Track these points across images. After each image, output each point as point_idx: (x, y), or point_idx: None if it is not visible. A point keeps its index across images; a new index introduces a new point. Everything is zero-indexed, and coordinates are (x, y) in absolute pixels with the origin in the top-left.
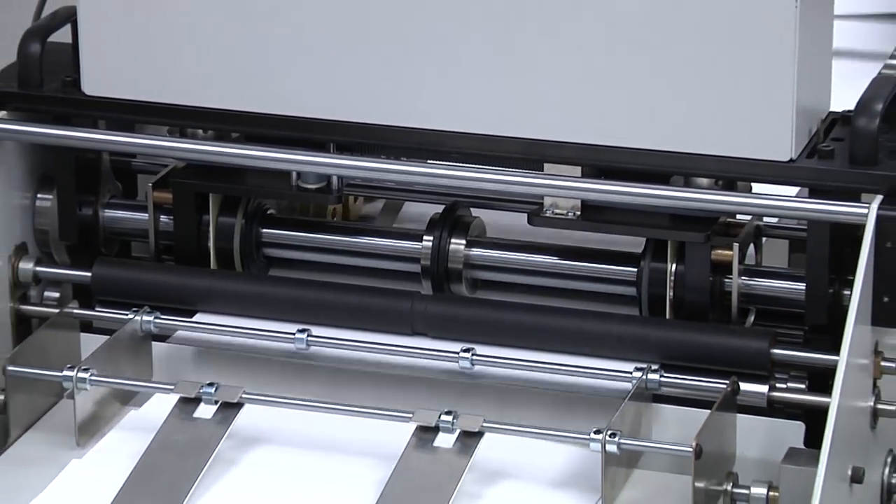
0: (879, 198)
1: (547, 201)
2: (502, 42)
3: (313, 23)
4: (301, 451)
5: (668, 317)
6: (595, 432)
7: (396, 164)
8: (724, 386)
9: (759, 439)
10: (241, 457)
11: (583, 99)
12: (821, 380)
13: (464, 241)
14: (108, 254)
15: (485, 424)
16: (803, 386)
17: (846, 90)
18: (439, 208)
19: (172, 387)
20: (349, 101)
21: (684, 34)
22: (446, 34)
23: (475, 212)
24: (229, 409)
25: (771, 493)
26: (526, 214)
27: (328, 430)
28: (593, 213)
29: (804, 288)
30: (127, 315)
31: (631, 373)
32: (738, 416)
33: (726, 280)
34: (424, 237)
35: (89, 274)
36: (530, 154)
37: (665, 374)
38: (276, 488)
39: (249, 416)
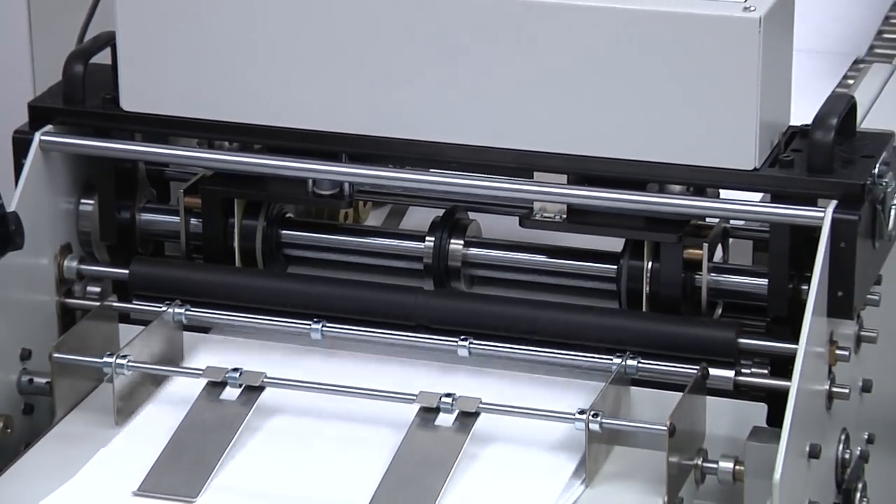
0: (834, 203)
1: (536, 206)
2: (497, 66)
3: (328, 49)
4: (316, 430)
5: (644, 310)
6: (579, 413)
7: (401, 172)
8: (695, 371)
9: (726, 419)
10: (262, 434)
11: (568, 115)
12: (782, 366)
13: (462, 242)
14: (144, 253)
15: (481, 406)
16: (766, 371)
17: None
18: (440, 212)
19: (201, 372)
20: (359, 116)
21: (659, 58)
22: (447, 59)
23: (472, 215)
24: (252, 391)
25: (737, 468)
26: (518, 218)
27: (340, 412)
28: (578, 217)
29: (767, 283)
30: (160, 308)
31: (611, 359)
32: (708, 398)
33: (697, 276)
34: (426, 238)
35: (127, 271)
36: (521, 163)
37: (642, 361)
38: (293, 463)
39: (270, 398)
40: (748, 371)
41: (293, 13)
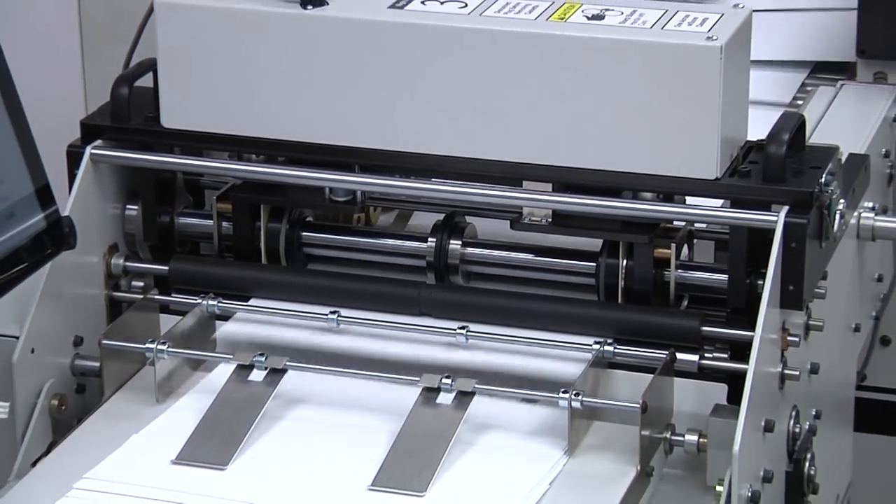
0: (786, 208)
1: (525, 211)
2: (490, 89)
3: (344, 75)
4: (331, 406)
5: (619, 301)
6: (563, 392)
7: (407, 181)
8: (664, 356)
9: (691, 398)
10: (285, 411)
11: (553, 131)
12: (740, 351)
13: (460, 242)
14: (181, 252)
15: (476, 386)
16: (726, 356)
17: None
18: (440, 216)
19: (231, 356)
20: (371, 132)
21: (633, 81)
22: (447, 84)
23: (469, 219)
24: (276, 374)
25: (701, 440)
26: (508, 221)
27: (353, 390)
28: (561, 220)
29: (727, 279)
30: (196, 300)
31: (591, 345)
32: (675, 379)
33: (665, 273)
34: (429, 238)
35: (167, 268)
36: (511, 173)
37: (618, 347)
38: (311, 436)
39: (292, 379)
40: (710, 356)
41: (313, 45)
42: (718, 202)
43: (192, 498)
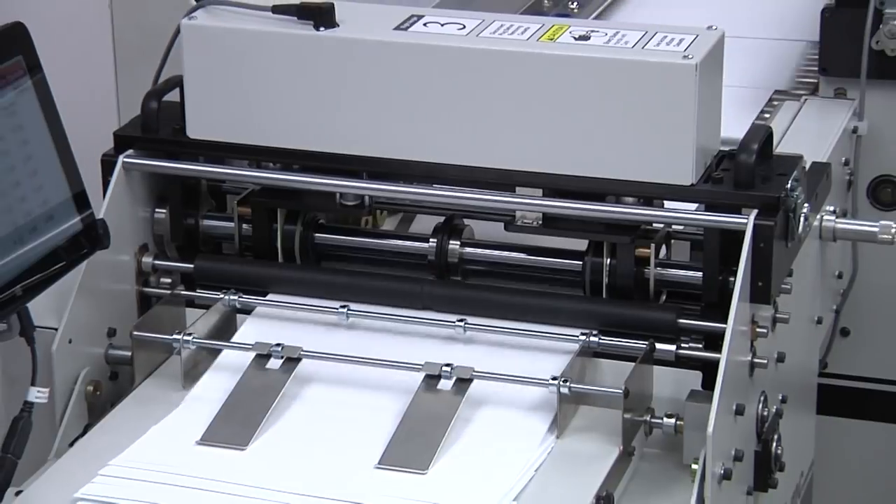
0: (755, 211)
1: (518, 214)
2: (487, 104)
3: (353, 91)
4: (342, 391)
5: (604, 296)
6: (552, 379)
7: (410, 187)
8: (644, 346)
9: (669, 384)
10: (299, 397)
11: (543, 141)
12: (713, 341)
13: (458, 243)
14: (206, 251)
15: (474, 373)
16: (700, 346)
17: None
18: (441, 219)
19: (251, 346)
20: (378, 143)
21: (616, 95)
22: (447, 99)
23: (466, 221)
24: (291, 362)
25: (678, 423)
26: (503, 223)
27: (362, 377)
28: (551, 223)
29: (701, 276)
30: (219, 295)
31: (577, 336)
32: (655, 367)
33: (645, 270)
34: (430, 239)
35: (192, 266)
36: (505, 180)
37: (602, 337)
38: (323, 419)
39: (306, 367)
40: (686, 346)
41: (325, 63)
42: (694, 206)
43: (216, 476)
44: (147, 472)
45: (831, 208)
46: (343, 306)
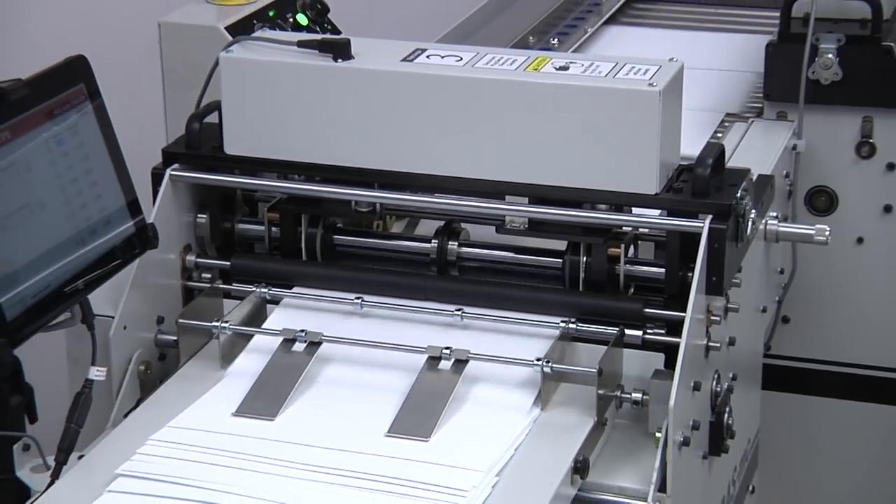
0: (710, 217)
1: (507, 219)
2: (480, 124)
3: (367, 112)
4: (356, 370)
5: (580, 289)
6: (537, 360)
7: (415, 196)
8: (615, 332)
9: (636, 364)
10: (320, 375)
11: (529, 156)
12: (674, 328)
13: (456, 243)
14: (240, 251)
15: (469, 355)
16: (663, 332)
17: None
18: (441, 223)
19: (279, 332)
20: (387, 157)
21: (591, 118)
22: (447, 120)
23: (463, 225)
24: (313, 346)
25: (644, 397)
26: (494, 227)
27: (373, 358)
28: (536, 226)
29: (664, 272)
30: (251, 288)
31: (558, 323)
32: (624, 350)
33: (616, 267)
34: (432, 240)
35: (229, 263)
36: (496, 189)
37: (579, 325)
38: (340, 394)
39: (326, 350)
40: (651, 332)
41: (342, 90)
42: (657, 212)
43: (248, 442)
44: (181, 450)
45: (774, 214)
46: (358, 298)
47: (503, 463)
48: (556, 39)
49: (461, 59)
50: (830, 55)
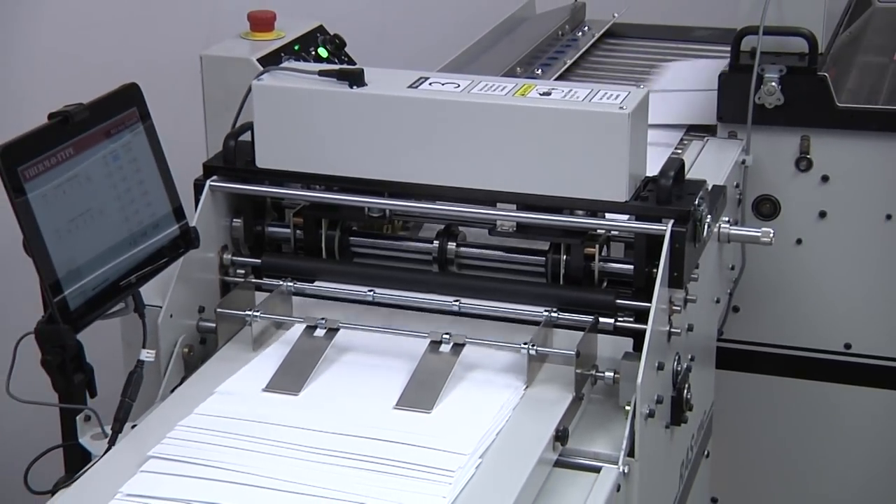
0: (672, 221)
1: (498, 223)
2: (475, 142)
3: (378, 132)
4: (368, 353)
5: (561, 283)
6: (524, 344)
7: (420, 203)
8: (591, 319)
9: (609, 347)
10: (338, 357)
11: (517, 169)
12: (641, 316)
13: (455, 244)
14: (269, 251)
15: (466, 340)
16: (632, 319)
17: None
18: (441, 226)
19: (302, 319)
20: (396, 170)
21: (569, 135)
22: (447, 138)
23: (461, 228)
24: (332, 332)
25: (616, 376)
26: (487, 229)
27: (383, 342)
28: (523, 229)
29: (633, 268)
30: (279, 282)
31: (542, 313)
32: (599, 335)
33: (592, 264)
34: (434, 241)
35: (260, 261)
36: (489, 198)
37: (560, 314)
38: (354, 374)
39: (342, 336)
40: (622, 319)
41: (357, 112)
42: (627, 217)
43: (276, 413)
44: (207, 434)
45: (726, 219)
46: (370, 290)
47: (495, 432)
48: (539, 69)
49: (459, 85)
50: (774, 83)
